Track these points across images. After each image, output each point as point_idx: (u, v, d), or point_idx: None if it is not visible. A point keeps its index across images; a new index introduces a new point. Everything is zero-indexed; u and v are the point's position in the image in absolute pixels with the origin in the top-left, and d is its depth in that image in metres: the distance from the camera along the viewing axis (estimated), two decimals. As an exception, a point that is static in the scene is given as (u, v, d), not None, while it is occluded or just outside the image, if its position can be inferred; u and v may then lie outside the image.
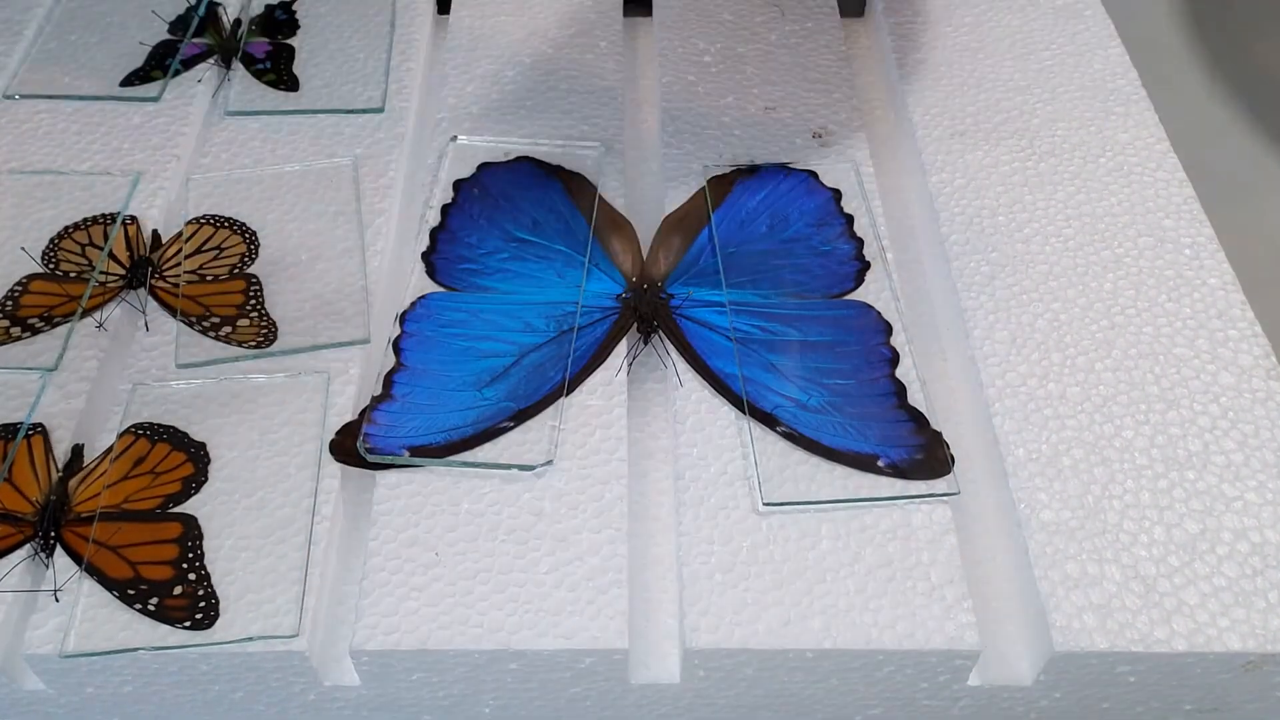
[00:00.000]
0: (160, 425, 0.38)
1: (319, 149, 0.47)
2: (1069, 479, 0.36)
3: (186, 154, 0.48)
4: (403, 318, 0.40)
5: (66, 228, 0.44)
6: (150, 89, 0.50)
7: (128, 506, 0.36)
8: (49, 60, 0.51)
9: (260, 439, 0.38)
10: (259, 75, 0.51)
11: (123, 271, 0.42)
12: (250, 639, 0.33)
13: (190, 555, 0.35)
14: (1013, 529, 0.36)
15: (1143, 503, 0.36)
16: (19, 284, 0.42)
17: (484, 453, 0.37)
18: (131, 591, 0.34)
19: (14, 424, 0.38)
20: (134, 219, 0.44)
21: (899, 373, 0.39)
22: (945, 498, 0.36)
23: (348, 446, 0.37)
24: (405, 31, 0.53)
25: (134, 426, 0.38)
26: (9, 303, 0.41)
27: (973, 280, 0.42)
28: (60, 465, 0.37)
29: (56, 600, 0.34)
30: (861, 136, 0.47)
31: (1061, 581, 0.34)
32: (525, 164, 0.46)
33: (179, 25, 0.53)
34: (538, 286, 0.41)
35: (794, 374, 0.39)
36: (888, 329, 0.40)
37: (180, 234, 0.44)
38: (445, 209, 0.44)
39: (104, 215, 0.44)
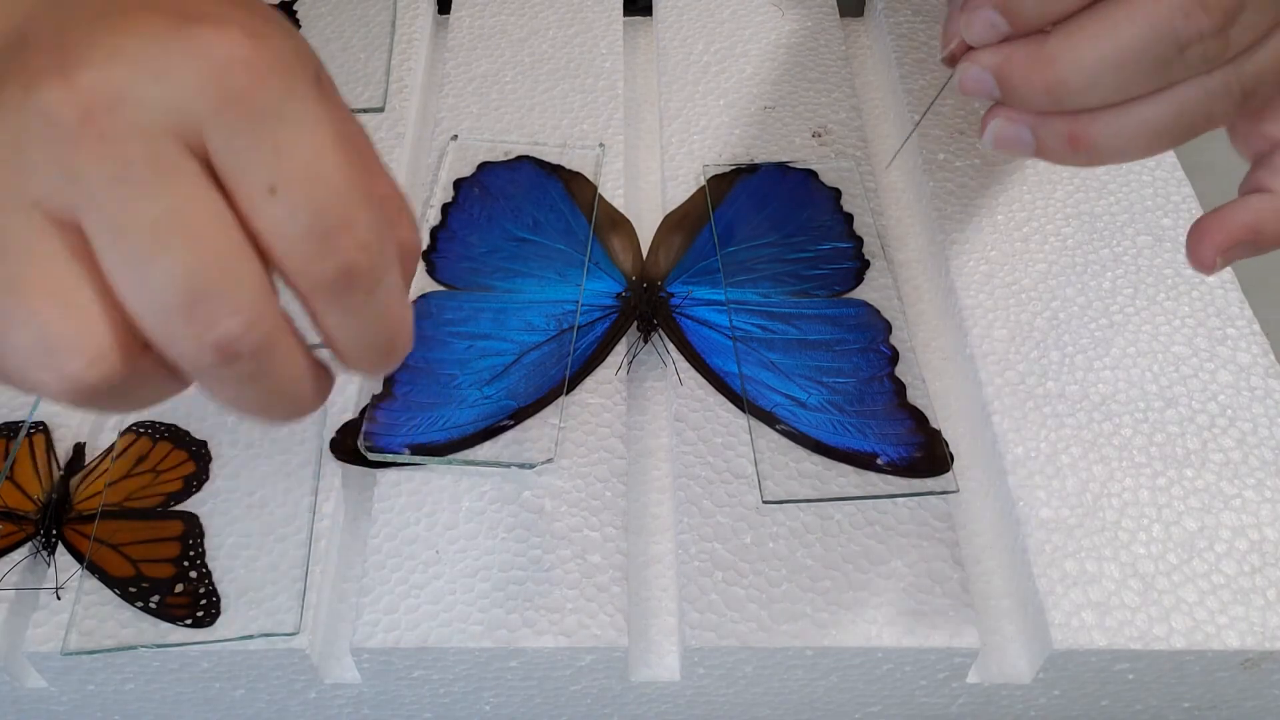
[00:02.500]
0: (162, 424, 0.38)
1: (320, 148, 0.47)
2: (1067, 477, 0.36)
3: (187, 153, 0.48)
4: (403, 316, 0.40)
5: (68, 227, 0.44)
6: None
7: (129, 505, 0.36)
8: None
9: (261, 437, 0.38)
10: (260, 75, 0.51)
11: (124, 271, 0.43)
12: (251, 636, 0.33)
13: (191, 553, 0.35)
14: (1011, 527, 0.36)
15: (1141, 500, 0.36)
16: (21, 283, 0.42)
17: (484, 451, 0.37)
18: (133, 589, 0.34)
19: (16, 422, 0.38)
20: (135, 218, 0.45)
21: (898, 371, 0.39)
22: (944, 495, 0.36)
23: (348, 445, 0.37)
24: (406, 31, 0.53)
25: (135, 425, 0.38)
26: (11, 302, 0.41)
27: (972, 278, 0.42)
28: (62, 464, 0.37)
29: (58, 598, 0.34)
30: (861, 136, 0.47)
31: (1060, 579, 0.34)
32: (525, 163, 0.46)
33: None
34: (538, 285, 0.42)
35: (793, 372, 0.39)
36: (887, 327, 0.40)
37: (181, 233, 0.44)
38: (446, 208, 0.45)
39: (105, 214, 0.45)
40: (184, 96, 0.23)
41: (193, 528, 0.35)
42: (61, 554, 0.35)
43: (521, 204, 0.44)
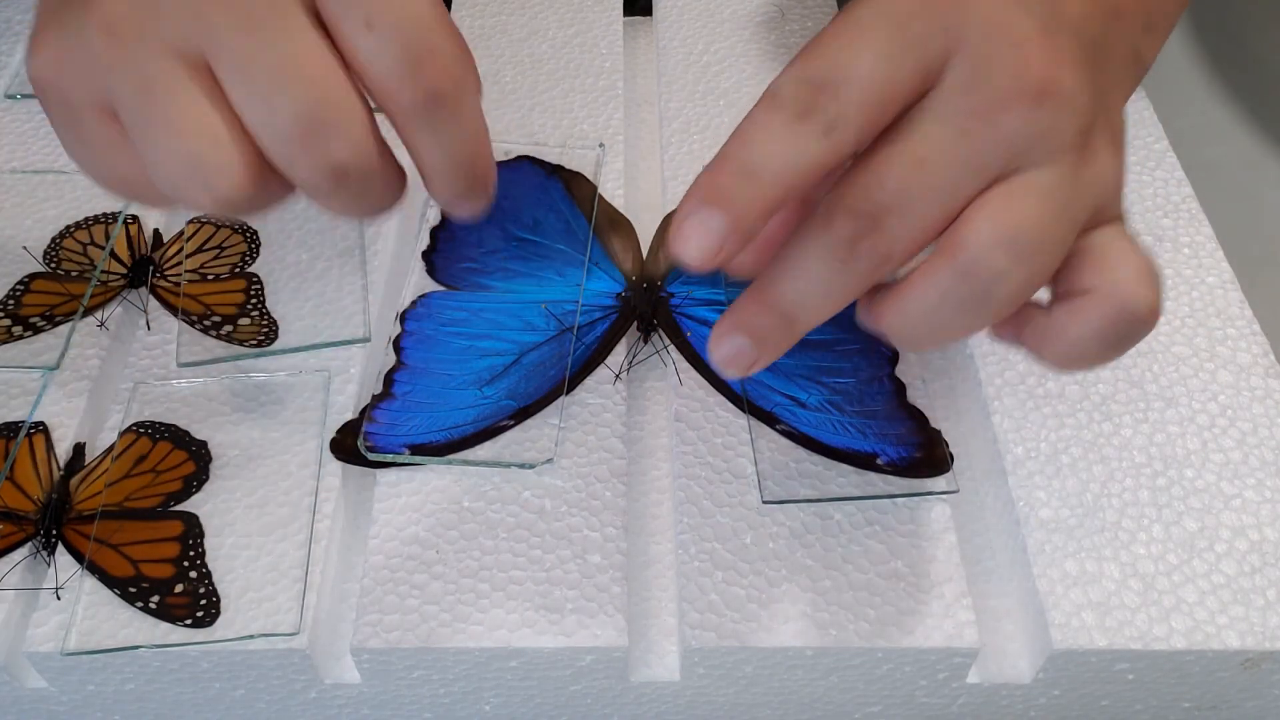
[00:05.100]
0: (161, 424, 0.38)
1: (320, 148, 0.47)
2: (1067, 477, 0.36)
3: (187, 153, 0.48)
4: (403, 316, 0.41)
5: (68, 227, 0.44)
6: (151, 89, 0.50)
7: (129, 505, 0.36)
8: (50, 60, 0.51)
9: (261, 437, 0.38)
10: (260, 75, 0.51)
11: (124, 270, 0.43)
12: (251, 637, 0.33)
13: (191, 553, 0.35)
14: (1011, 527, 0.36)
15: (1141, 500, 0.36)
16: (21, 283, 0.42)
17: (484, 451, 0.37)
18: (133, 589, 0.34)
19: (16, 423, 0.38)
20: (135, 218, 0.45)
21: (898, 371, 0.39)
22: (944, 495, 0.36)
23: (348, 445, 0.37)
24: (406, 31, 0.53)
25: (135, 425, 0.38)
26: (11, 302, 0.41)
27: (972, 279, 0.42)
28: (62, 464, 0.37)
29: (58, 598, 0.34)
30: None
31: (1060, 579, 0.34)
32: (525, 163, 0.46)
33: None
34: (538, 285, 0.42)
35: (794, 372, 0.39)
36: (887, 327, 0.40)
37: (181, 233, 0.44)
38: (446, 208, 0.45)
39: (105, 214, 0.45)
40: None
41: (193, 528, 0.35)
42: (61, 554, 0.35)
43: (521, 204, 0.44)
